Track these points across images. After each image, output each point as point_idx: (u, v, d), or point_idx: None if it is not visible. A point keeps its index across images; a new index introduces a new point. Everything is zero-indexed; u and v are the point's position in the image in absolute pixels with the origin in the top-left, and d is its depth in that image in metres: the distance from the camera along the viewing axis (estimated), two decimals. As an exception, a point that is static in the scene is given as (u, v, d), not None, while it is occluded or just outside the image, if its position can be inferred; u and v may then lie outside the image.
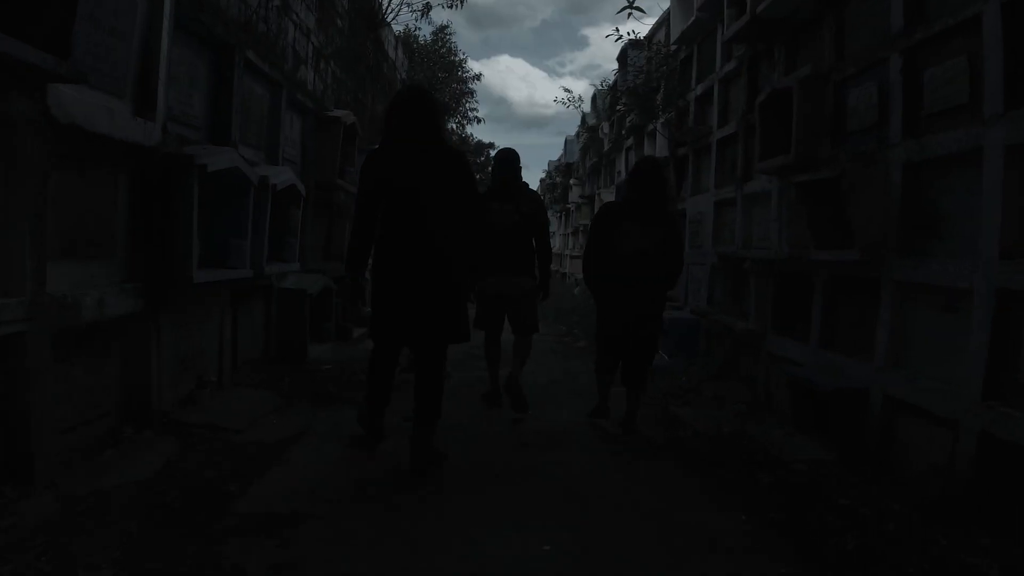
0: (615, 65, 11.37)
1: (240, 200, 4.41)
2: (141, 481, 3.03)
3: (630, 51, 10.20)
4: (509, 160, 4.84)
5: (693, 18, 7.51)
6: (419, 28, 14.91)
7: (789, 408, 4.42)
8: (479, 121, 17.36)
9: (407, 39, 12.96)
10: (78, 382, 3.22)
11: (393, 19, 9.89)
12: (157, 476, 3.11)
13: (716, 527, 2.91)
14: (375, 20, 9.15)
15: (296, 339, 5.65)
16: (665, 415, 4.75)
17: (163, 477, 3.11)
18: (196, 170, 3.69)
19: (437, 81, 14.01)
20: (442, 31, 14.69)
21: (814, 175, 4.31)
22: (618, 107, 10.74)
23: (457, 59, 15.12)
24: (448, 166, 3.44)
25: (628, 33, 8.07)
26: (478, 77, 15.93)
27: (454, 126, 17.29)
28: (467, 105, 15.91)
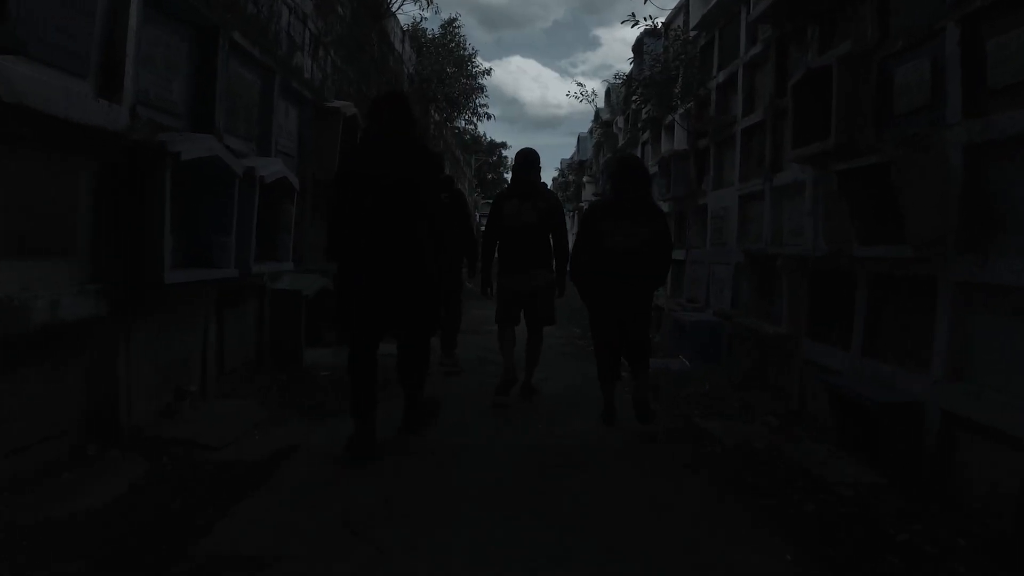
0: (627, 66, 10.95)
1: (223, 193, 4.02)
2: (97, 510, 2.67)
3: (646, 40, 9.76)
4: (529, 160, 4.99)
5: (715, 0, 7.06)
6: (425, 18, 14.47)
7: (830, 422, 3.97)
8: (489, 118, 16.82)
9: (415, 33, 12.55)
10: (29, 395, 2.85)
11: (398, 9, 9.49)
12: (116, 504, 2.75)
13: (758, 568, 2.49)
14: (379, 10, 8.76)
15: (290, 343, 5.29)
16: (690, 428, 4.32)
17: (123, 505, 2.74)
18: (169, 158, 3.32)
19: (446, 76, 13.56)
20: (451, 24, 14.24)
21: (858, 162, 3.87)
22: (633, 98, 10.26)
23: (466, 54, 14.65)
24: (418, 160, 3.66)
25: (644, 19, 7.60)
26: (488, 72, 15.44)
27: (463, 123, 16.84)
28: (477, 101, 15.42)
